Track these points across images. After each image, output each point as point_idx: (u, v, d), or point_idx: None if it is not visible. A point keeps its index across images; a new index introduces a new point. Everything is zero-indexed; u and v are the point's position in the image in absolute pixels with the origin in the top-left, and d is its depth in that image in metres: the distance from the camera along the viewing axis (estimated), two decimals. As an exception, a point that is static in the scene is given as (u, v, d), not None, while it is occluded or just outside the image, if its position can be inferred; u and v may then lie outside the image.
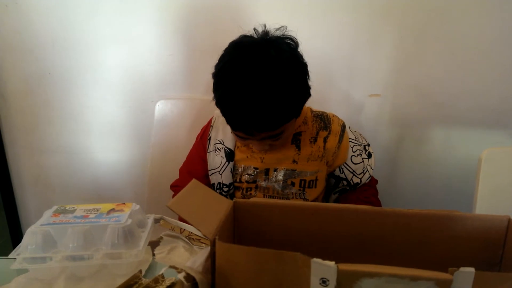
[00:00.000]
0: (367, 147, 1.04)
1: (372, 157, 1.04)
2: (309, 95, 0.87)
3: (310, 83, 0.86)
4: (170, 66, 1.27)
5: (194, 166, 1.05)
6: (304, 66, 0.83)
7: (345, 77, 1.27)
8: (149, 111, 1.29)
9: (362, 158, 1.02)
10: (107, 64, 1.27)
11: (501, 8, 1.18)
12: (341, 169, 1.02)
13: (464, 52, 1.22)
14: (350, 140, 1.00)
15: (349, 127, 1.02)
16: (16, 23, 1.22)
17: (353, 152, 1.00)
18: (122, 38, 1.24)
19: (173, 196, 1.04)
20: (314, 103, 1.02)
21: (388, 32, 1.22)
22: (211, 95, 0.85)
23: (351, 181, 1.02)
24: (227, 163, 0.99)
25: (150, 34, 1.24)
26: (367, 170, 1.03)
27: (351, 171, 1.01)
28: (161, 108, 1.27)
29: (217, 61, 0.84)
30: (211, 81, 0.86)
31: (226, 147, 0.99)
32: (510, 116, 1.28)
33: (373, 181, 1.08)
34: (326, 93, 1.27)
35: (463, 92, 1.27)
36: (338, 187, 1.04)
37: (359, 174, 1.02)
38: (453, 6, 1.19)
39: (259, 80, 0.75)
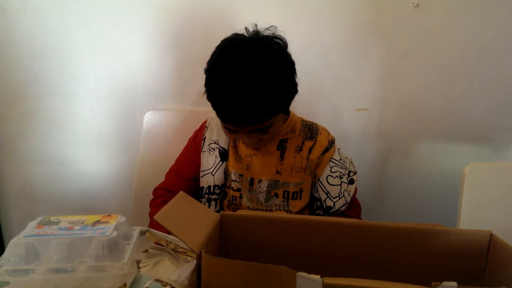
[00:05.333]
0: (351, 174, 1.00)
1: (354, 184, 1.00)
2: (296, 91, 0.90)
3: (299, 89, 0.90)
4: (160, 77, 1.27)
5: (183, 168, 1.05)
6: (292, 63, 0.88)
7: (333, 91, 1.29)
8: (137, 122, 1.28)
9: (341, 182, 0.98)
10: (96, 73, 1.27)
11: (484, 26, 1.21)
12: (316, 187, 0.99)
13: (449, 69, 1.26)
14: (332, 159, 0.98)
15: (339, 148, 1.01)
16: (5, 31, 1.21)
17: (331, 172, 0.98)
18: (112, 48, 1.25)
19: (151, 200, 1.05)
20: (301, 116, 1.03)
21: (376, 48, 1.25)
22: (200, 107, 0.85)
23: (324, 203, 0.98)
24: (221, 162, 1.00)
25: (140, 45, 1.25)
26: (344, 196, 0.98)
27: (325, 192, 0.98)
28: (149, 119, 1.26)
29: (209, 58, 0.87)
30: (200, 93, 0.87)
31: (221, 147, 1.00)
32: (494, 131, 1.31)
33: (354, 213, 1.04)
34: (314, 106, 1.29)
35: (448, 107, 1.30)
36: (313, 208, 1.02)
37: (333, 198, 0.98)
38: (438, 24, 1.22)
39: (247, 74, 0.80)
